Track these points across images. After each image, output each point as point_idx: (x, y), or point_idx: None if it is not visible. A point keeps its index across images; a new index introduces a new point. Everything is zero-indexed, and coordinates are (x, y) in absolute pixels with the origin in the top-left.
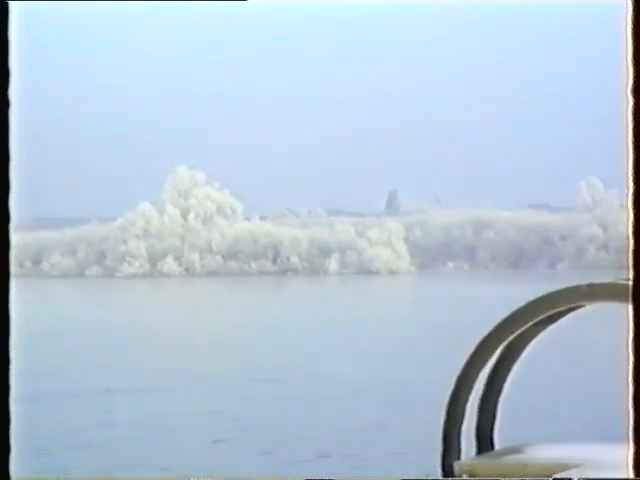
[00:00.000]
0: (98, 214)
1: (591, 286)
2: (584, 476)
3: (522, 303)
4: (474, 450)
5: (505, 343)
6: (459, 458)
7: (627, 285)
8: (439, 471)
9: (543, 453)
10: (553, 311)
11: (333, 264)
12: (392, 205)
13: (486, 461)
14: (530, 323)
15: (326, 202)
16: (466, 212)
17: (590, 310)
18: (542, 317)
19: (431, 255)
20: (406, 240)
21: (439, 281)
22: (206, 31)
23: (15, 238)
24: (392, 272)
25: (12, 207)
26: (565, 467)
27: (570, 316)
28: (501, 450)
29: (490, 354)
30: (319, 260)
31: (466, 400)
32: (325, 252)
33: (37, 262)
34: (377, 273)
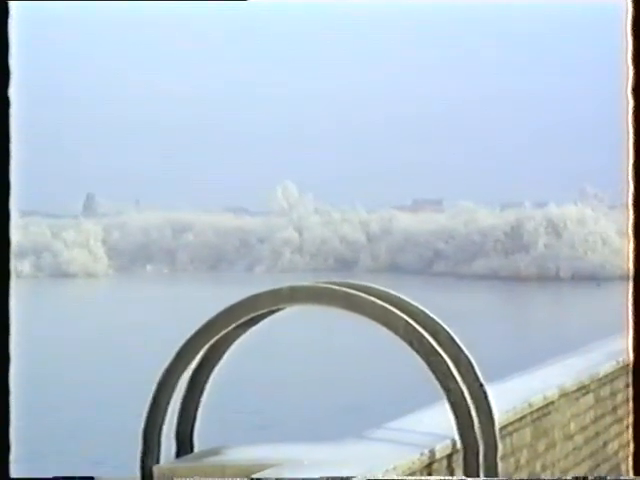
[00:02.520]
0: None
1: (292, 289)
2: (281, 475)
3: (222, 306)
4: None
5: (206, 346)
6: (159, 462)
7: (327, 288)
8: (138, 475)
9: (243, 454)
10: (255, 314)
11: (27, 267)
12: (89, 207)
13: (185, 464)
14: (231, 326)
15: (19, 202)
16: (165, 215)
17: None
18: (243, 320)
19: (130, 258)
20: (104, 242)
21: (137, 284)
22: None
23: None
24: (89, 275)
25: (12, 207)
26: (263, 467)
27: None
28: (200, 452)
29: (192, 357)
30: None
31: (167, 403)
32: (19, 254)
33: None
34: (74, 276)
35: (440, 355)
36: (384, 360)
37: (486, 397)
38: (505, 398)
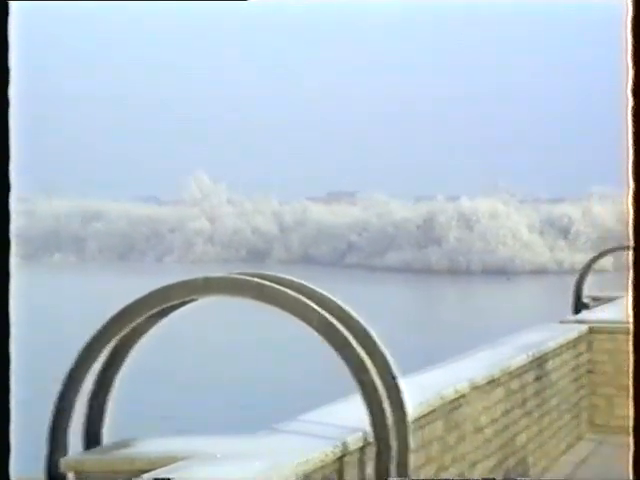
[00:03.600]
0: None
1: (206, 280)
2: (190, 467)
3: (128, 297)
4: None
5: (117, 338)
6: (66, 455)
7: (241, 279)
8: (45, 469)
9: (152, 446)
10: (166, 304)
11: None
12: None
13: (93, 456)
14: (143, 317)
15: None
16: (74, 203)
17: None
18: (155, 311)
19: (37, 246)
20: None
21: (44, 273)
22: None
23: None
24: None
25: (12, 206)
26: (173, 459)
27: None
28: (110, 445)
29: (100, 349)
30: None
31: (75, 397)
32: None
33: None
34: None
35: (354, 348)
36: (299, 352)
37: (399, 390)
38: (417, 391)
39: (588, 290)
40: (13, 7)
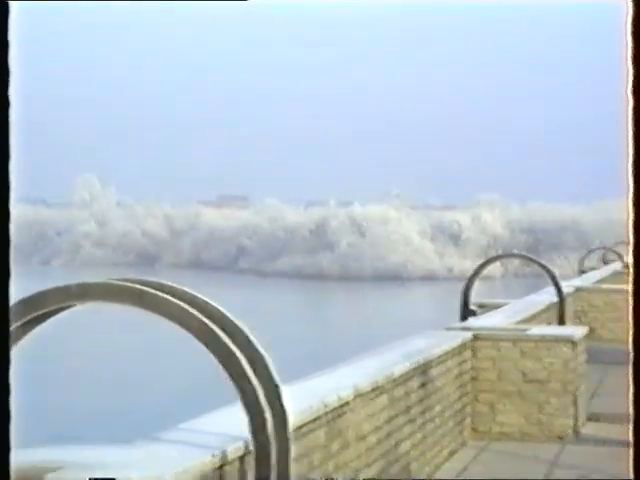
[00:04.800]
0: None
1: (82, 286)
2: (64, 478)
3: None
4: None
5: None
6: None
7: (120, 285)
8: None
9: (27, 456)
10: (42, 311)
11: None
12: None
13: None
14: (18, 323)
15: None
16: None
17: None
18: (31, 317)
19: None
20: None
21: None
22: None
23: None
24: None
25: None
26: (47, 469)
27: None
28: None
29: None
30: None
31: None
32: None
33: None
34: None
35: (235, 355)
36: (183, 359)
37: (280, 398)
38: (301, 399)
39: (476, 297)
40: (13, 7)
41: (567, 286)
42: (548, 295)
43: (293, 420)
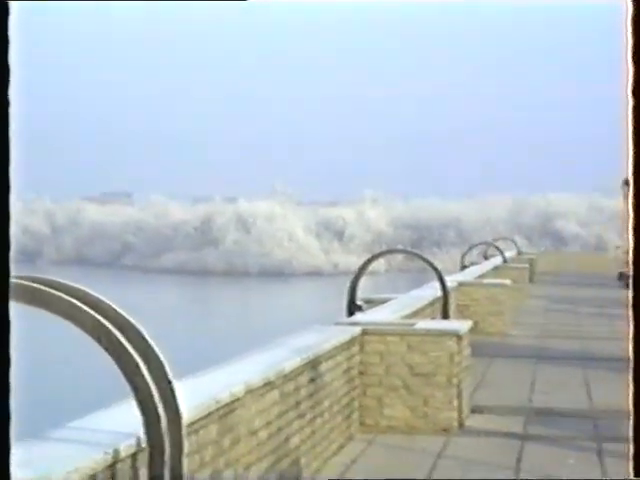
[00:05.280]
0: None
1: None
2: None
3: None
4: None
5: None
6: None
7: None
8: None
9: None
10: None
11: None
12: None
13: None
14: None
15: None
16: None
17: None
18: None
19: None
20: None
21: None
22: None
23: None
24: None
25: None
26: None
27: None
28: None
29: None
30: None
31: None
32: None
33: None
34: None
35: (128, 351)
36: (77, 356)
37: (173, 394)
38: (192, 395)
39: (361, 292)
40: (13, 7)
41: (450, 281)
42: (432, 290)
43: (186, 416)
